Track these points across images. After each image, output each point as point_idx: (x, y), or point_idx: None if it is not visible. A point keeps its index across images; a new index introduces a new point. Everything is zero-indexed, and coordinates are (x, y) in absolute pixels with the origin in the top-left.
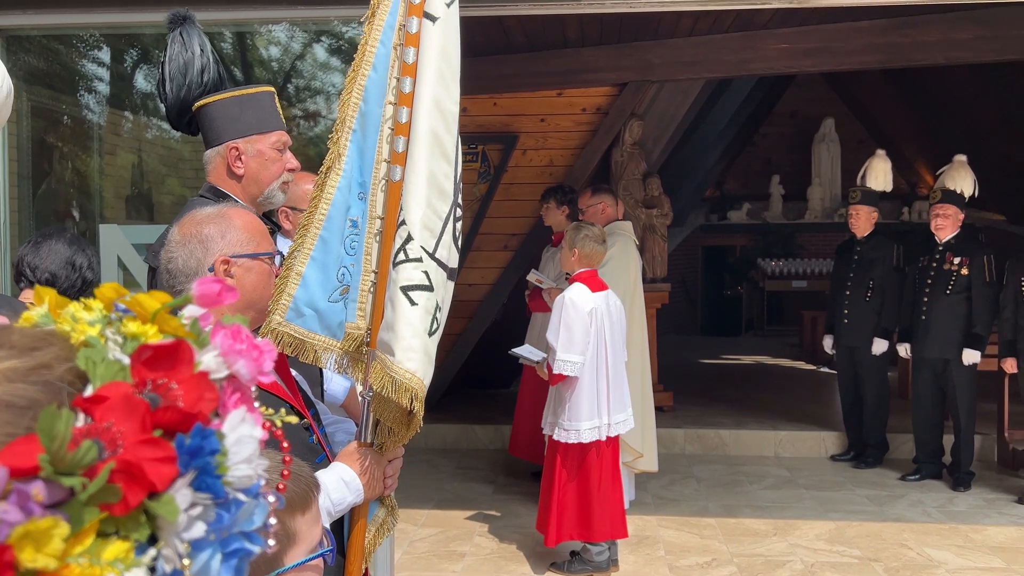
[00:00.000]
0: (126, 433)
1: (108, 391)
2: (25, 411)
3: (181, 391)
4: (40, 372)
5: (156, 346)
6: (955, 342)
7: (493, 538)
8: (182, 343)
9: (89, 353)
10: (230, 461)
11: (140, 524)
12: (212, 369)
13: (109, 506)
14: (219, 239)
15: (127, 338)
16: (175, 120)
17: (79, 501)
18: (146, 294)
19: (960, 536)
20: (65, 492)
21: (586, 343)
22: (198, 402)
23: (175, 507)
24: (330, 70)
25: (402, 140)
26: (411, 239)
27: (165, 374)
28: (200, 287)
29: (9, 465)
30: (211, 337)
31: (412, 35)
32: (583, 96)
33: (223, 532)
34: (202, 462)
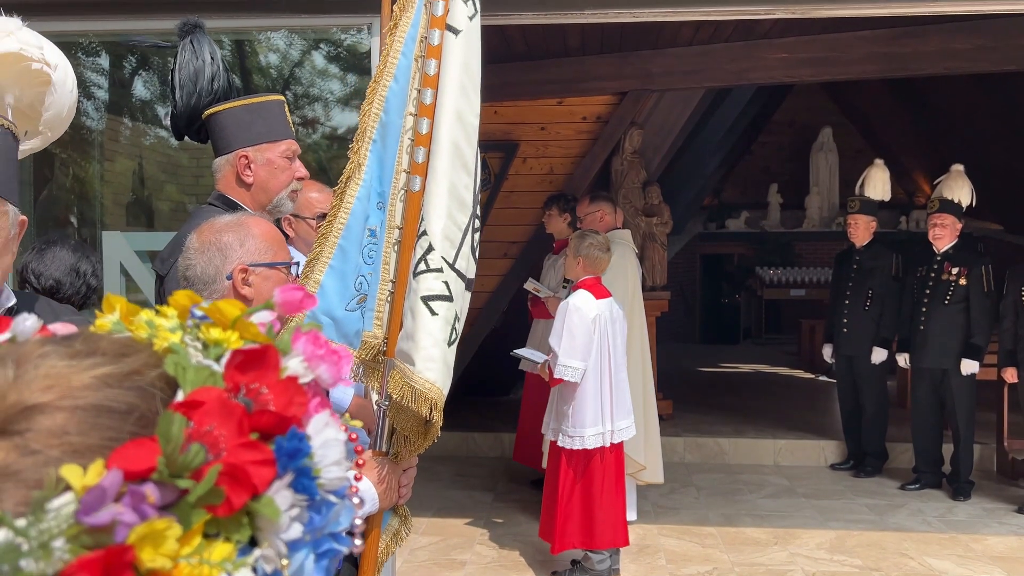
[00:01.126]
0: (226, 436)
1: (203, 395)
2: (126, 416)
3: (271, 395)
4: (133, 378)
5: (247, 351)
6: (953, 352)
7: (494, 546)
8: (270, 348)
9: (176, 359)
10: (320, 464)
11: (242, 525)
12: (300, 374)
13: (214, 508)
14: (238, 247)
15: (208, 344)
16: (184, 127)
17: (188, 503)
18: (224, 301)
19: (960, 546)
20: (174, 494)
21: (588, 349)
22: (290, 405)
23: (276, 508)
24: (329, 77)
25: (422, 151)
26: (432, 249)
27: (255, 378)
28: (283, 294)
29: (123, 468)
30: (293, 343)
31: (434, 47)
32: (583, 105)
33: (316, 533)
34: (299, 464)
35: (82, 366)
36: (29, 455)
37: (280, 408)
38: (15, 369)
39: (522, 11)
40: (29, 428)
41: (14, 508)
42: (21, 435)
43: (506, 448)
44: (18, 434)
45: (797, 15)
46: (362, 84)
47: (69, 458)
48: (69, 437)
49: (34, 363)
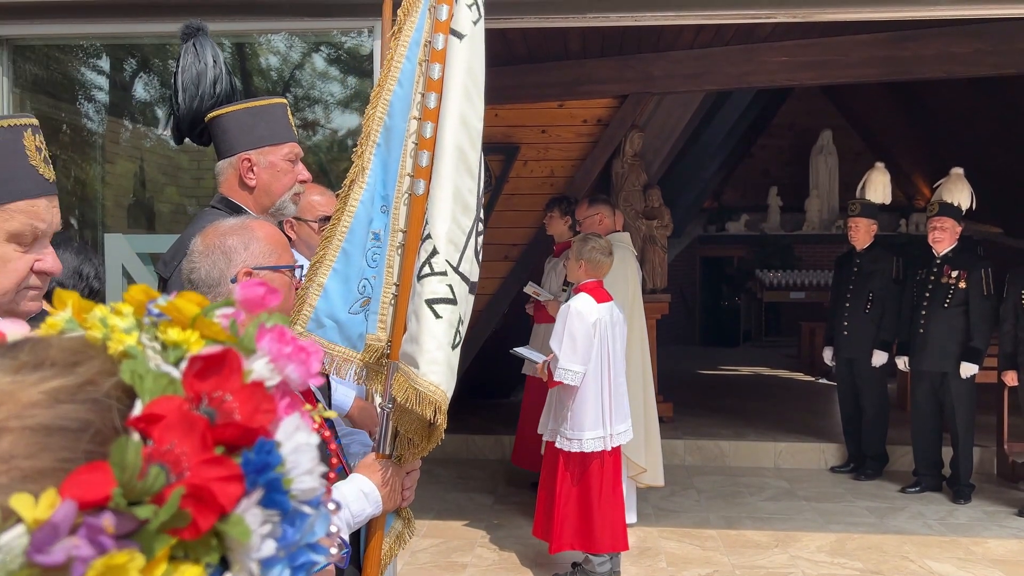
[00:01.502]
0: (189, 454)
1: (161, 407)
2: (80, 434)
3: (236, 402)
4: (87, 389)
5: (206, 356)
6: (953, 355)
7: (494, 548)
8: (229, 351)
9: (133, 366)
10: (292, 473)
11: (211, 548)
12: (265, 377)
13: (179, 531)
14: (242, 250)
15: (167, 346)
16: (187, 130)
17: (150, 530)
18: (181, 297)
19: (961, 549)
20: (135, 522)
21: (588, 353)
22: (256, 414)
23: (246, 528)
24: (329, 79)
25: (426, 155)
26: (436, 253)
27: (217, 385)
28: (244, 290)
29: (77, 497)
30: (256, 341)
31: (438, 51)
32: (584, 107)
33: (291, 548)
34: (269, 478)
35: (30, 380)
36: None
37: (246, 418)
38: None
39: (524, 15)
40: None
41: None
42: None
43: (506, 451)
44: None
45: (798, 19)
46: (363, 86)
47: (19, 485)
48: (17, 461)
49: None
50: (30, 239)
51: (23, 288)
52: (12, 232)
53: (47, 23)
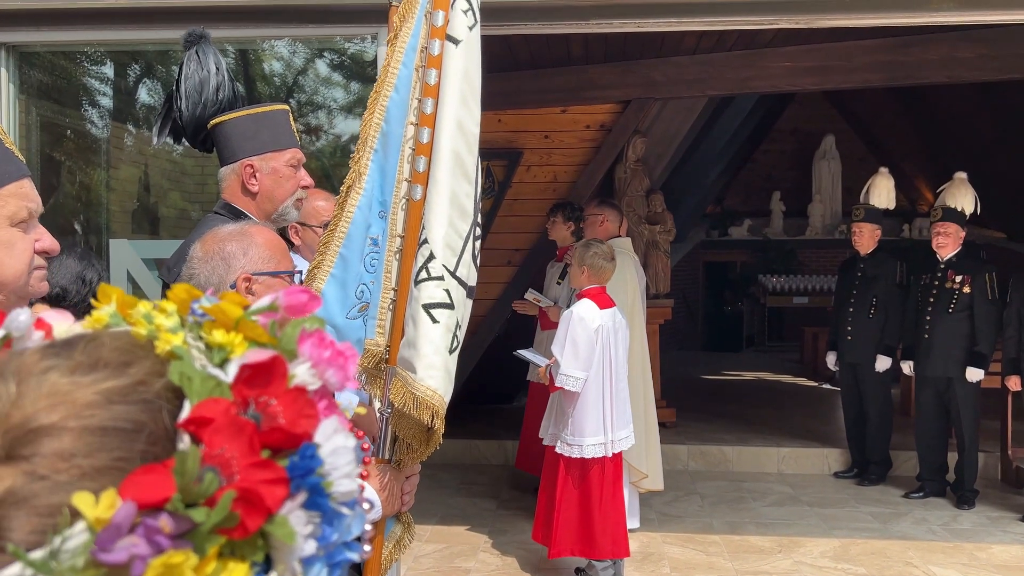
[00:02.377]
0: (238, 457)
1: (210, 410)
2: (135, 434)
3: (280, 407)
4: (139, 390)
5: (255, 365)
6: (958, 360)
7: (498, 554)
8: (277, 358)
9: (181, 367)
10: (331, 476)
11: (257, 547)
12: (307, 382)
13: (229, 531)
14: (241, 256)
15: (211, 347)
16: (190, 137)
17: (202, 532)
18: (226, 299)
19: (965, 554)
20: (189, 523)
21: (591, 359)
22: (299, 419)
23: (291, 529)
24: (332, 85)
25: (423, 160)
26: (433, 258)
27: (263, 391)
28: (288, 297)
29: (136, 499)
30: (299, 346)
31: (434, 57)
32: (587, 113)
33: (330, 547)
34: (311, 481)
35: (86, 381)
36: (38, 481)
37: (290, 422)
38: (17, 386)
39: (527, 21)
40: (36, 452)
41: (26, 538)
42: (28, 460)
43: (509, 456)
44: (25, 459)
45: (800, 25)
46: (365, 92)
47: (79, 482)
48: (77, 460)
49: (36, 379)
50: (26, 220)
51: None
52: (10, 215)
53: (52, 30)
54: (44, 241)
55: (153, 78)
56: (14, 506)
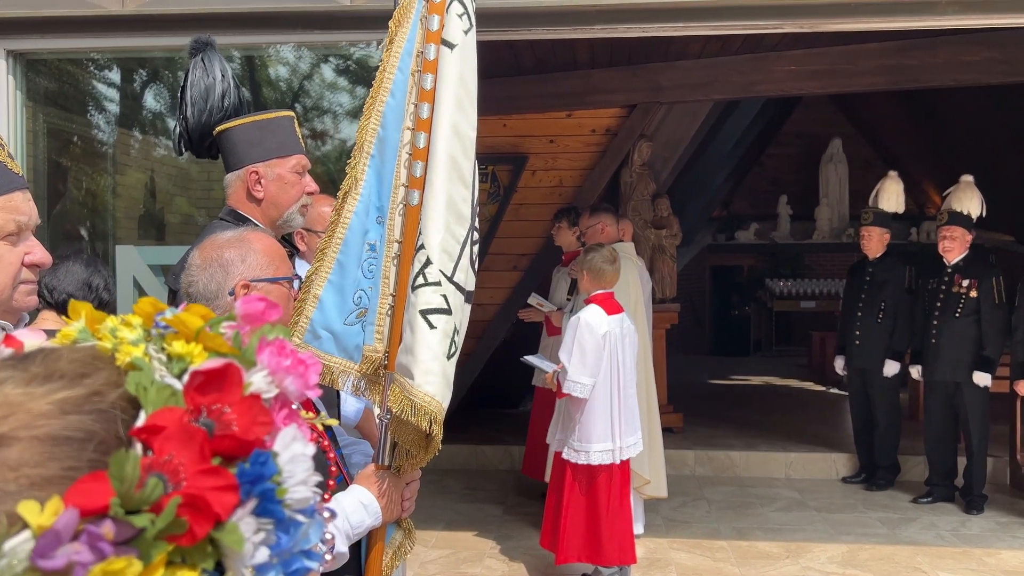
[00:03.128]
0: (186, 464)
1: (163, 419)
2: (85, 444)
3: (234, 415)
4: (93, 400)
5: (207, 371)
6: (966, 365)
7: (504, 559)
8: (231, 366)
9: (138, 377)
10: (287, 483)
11: (206, 554)
12: (262, 390)
13: (176, 538)
14: (239, 263)
15: (172, 358)
16: (196, 144)
17: (147, 537)
18: (187, 311)
19: (974, 560)
20: (134, 530)
21: (598, 365)
22: (253, 427)
23: (240, 536)
24: (337, 90)
25: (420, 165)
26: (430, 263)
27: (216, 398)
28: (245, 306)
29: (79, 506)
30: (257, 354)
31: (430, 62)
32: (592, 117)
33: (285, 554)
34: (263, 488)
35: (40, 392)
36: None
37: (243, 430)
38: None
39: (532, 27)
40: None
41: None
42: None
43: (515, 461)
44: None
45: (805, 29)
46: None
47: (27, 492)
48: (26, 470)
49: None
50: (15, 233)
51: (18, 283)
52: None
53: (58, 37)
54: (35, 254)
55: (159, 84)
56: None
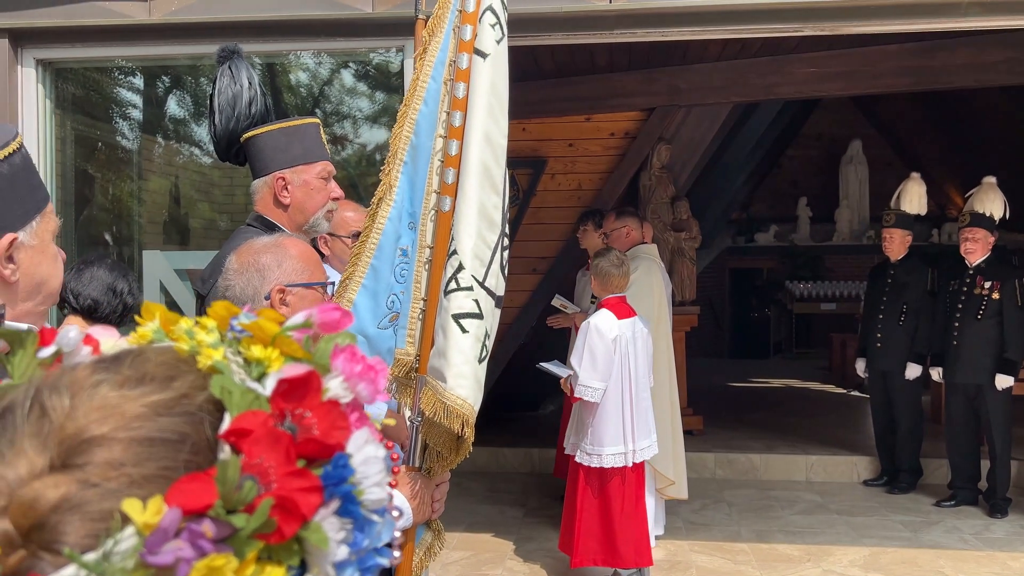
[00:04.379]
0: (275, 467)
1: (249, 422)
2: (179, 445)
3: (315, 419)
4: (182, 403)
5: (292, 379)
6: (987, 367)
7: (524, 561)
8: (312, 374)
9: (222, 381)
10: (363, 484)
11: (293, 552)
12: (339, 396)
13: (266, 536)
14: (275, 268)
15: (250, 361)
16: (224, 151)
17: (242, 536)
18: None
19: (998, 564)
20: (229, 528)
21: (609, 370)
22: (333, 431)
23: (324, 535)
24: (357, 95)
25: (452, 172)
26: (462, 268)
27: (299, 403)
28: (322, 314)
29: (181, 505)
30: (332, 360)
31: (462, 71)
32: (611, 121)
33: (361, 552)
34: (344, 490)
35: (134, 395)
36: (90, 488)
37: (323, 434)
38: (70, 399)
39: (552, 32)
40: (88, 461)
41: (79, 542)
42: (81, 468)
43: (536, 464)
44: (78, 467)
45: (826, 32)
46: (391, 102)
47: (127, 490)
48: (126, 469)
49: (88, 393)
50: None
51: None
52: (53, 231)
53: (87, 46)
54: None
55: (182, 91)
56: (69, 512)
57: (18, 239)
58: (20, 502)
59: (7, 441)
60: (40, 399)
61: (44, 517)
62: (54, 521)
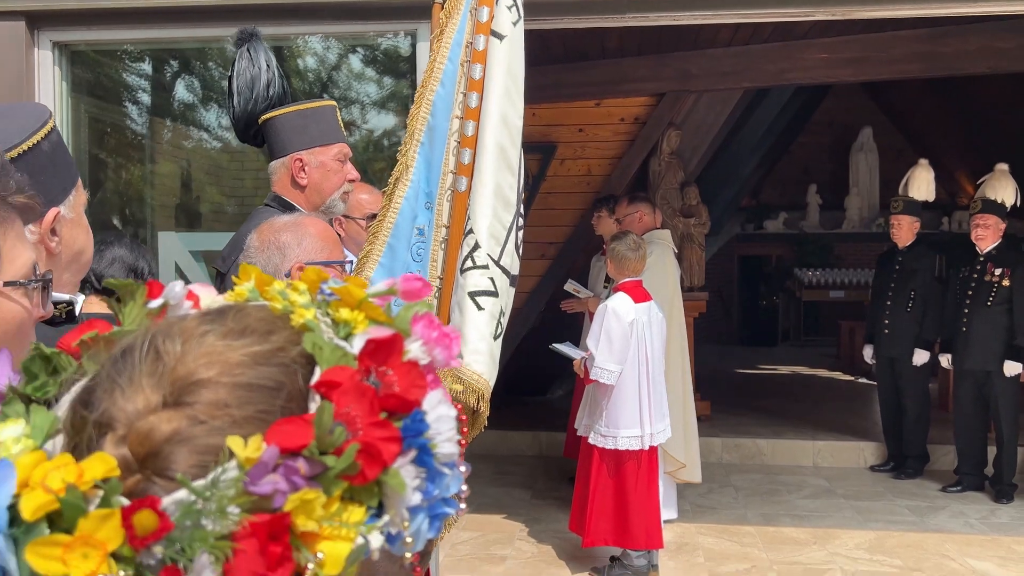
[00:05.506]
0: (360, 416)
1: (337, 376)
2: (276, 392)
3: (396, 377)
4: (279, 355)
5: (379, 340)
6: (996, 354)
7: (533, 542)
8: (397, 336)
9: (313, 338)
10: (436, 439)
11: (373, 494)
12: (419, 357)
13: (350, 478)
14: (295, 246)
15: (338, 323)
16: (242, 132)
17: (329, 476)
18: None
19: (1003, 548)
20: (319, 468)
21: (625, 352)
22: (412, 388)
23: (402, 481)
24: (365, 80)
25: (468, 152)
26: (478, 247)
27: (383, 362)
28: (405, 283)
29: (280, 444)
30: (412, 326)
31: (479, 52)
32: (621, 106)
33: (431, 500)
34: (420, 442)
35: (237, 345)
36: (198, 424)
37: (404, 391)
38: (181, 345)
39: (563, 15)
40: (197, 400)
41: (188, 470)
42: (190, 406)
43: (544, 446)
44: (188, 405)
45: (837, 17)
46: (398, 87)
47: (230, 428)
48: (230, 410)
49: (197, 340)
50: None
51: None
52: (84, 204)
53: (104, 29)
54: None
55: (191, 75)
56: (179, 444)
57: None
58: (137, 432)
59: (127, 378)
60: (155, 343)
61: (158, 447)
62: (167, 451)
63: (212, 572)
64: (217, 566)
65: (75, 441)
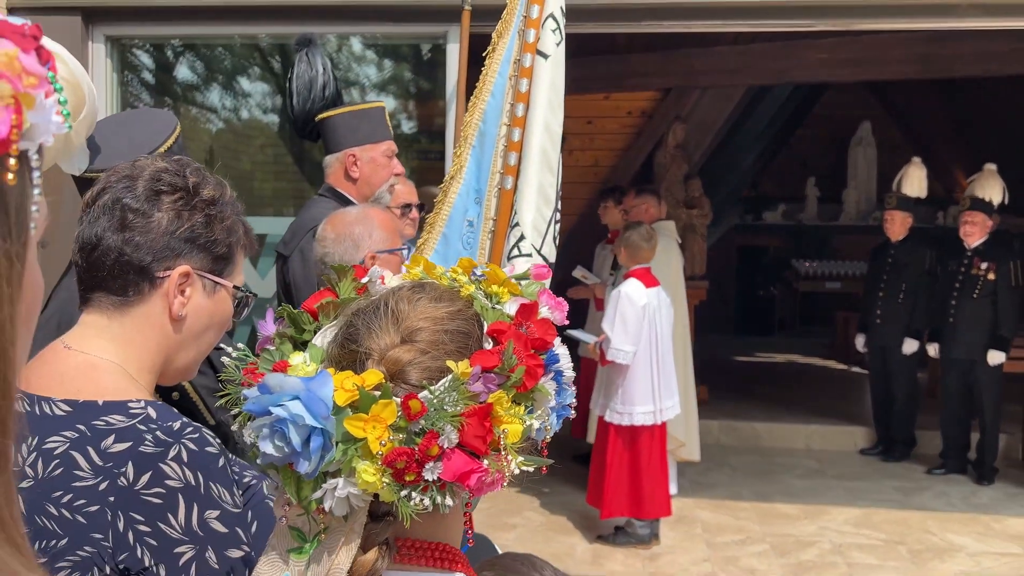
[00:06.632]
0: (520, 350)
1: (502, 326)
2: (468, 336)
3: (535, 328)
4: (464, 313)
5: (526, 304)
6: (981, 344)
7: (542, 511)
8: (535, 304)
9: (480, 303)
10: (563, 368)
11: (529, 399)
12: (548, 316)
13: (518, 387)
14: (367, 238)
15: (489, 295)
16: (300, 129)
17: (507, 385)
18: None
19: (981, 525)
20: (502, 379)
21: (639, 334)
22: (547, 335)
23: (547, 391)
24: (393, 81)
25: (514, 155)
26: (523, 238)
27: (527, 319)
28: (536, 269)
29: (481, 364)
30: (539, 296)
31: (526, 68)
32: (629, 100)
33: (559, 405)
34: (556, 369)
35: (440, 306)
36: (423, 354)
37: (542, 336)
38: (407, 305)
39: (584, 22)
40: (420, 339)
41: (418, 381)
42: (417, 343)
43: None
44: (416, 343)
45: (837, 27)
46: (424, 87)
47: (445, 357)
48: (444, 346)
49: (415, 303)
50: None
51: None
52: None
53: (152, 25)
54: None
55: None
56: (411, 365)
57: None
58: (387, 359)
59: (378, 326)
60: (390, 303)
61: (402, 367)
62: (407, 370)
63: (454, 434)
64: (455, 432)
65: (344, 364)
